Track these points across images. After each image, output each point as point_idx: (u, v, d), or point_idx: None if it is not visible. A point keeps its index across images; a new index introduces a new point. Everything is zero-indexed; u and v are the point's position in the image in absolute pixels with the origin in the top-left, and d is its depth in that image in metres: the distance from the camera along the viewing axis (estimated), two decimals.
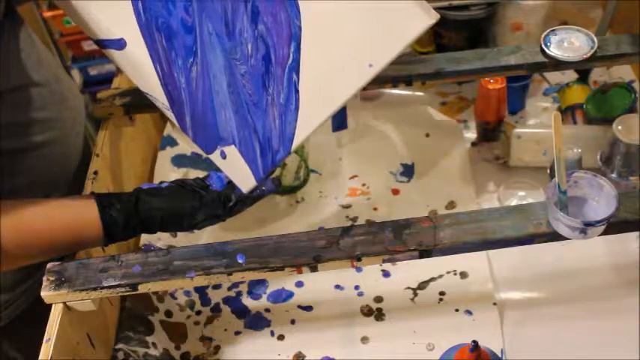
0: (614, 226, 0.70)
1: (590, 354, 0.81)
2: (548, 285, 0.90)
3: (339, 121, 0.98)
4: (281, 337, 0.88)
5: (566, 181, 0.70)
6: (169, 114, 0.77)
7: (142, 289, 0.71)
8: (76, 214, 0.72)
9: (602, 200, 0.70)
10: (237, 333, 0.90)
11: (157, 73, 0.74)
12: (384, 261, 0.72)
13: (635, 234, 0.92)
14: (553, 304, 0.88)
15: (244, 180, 0.76)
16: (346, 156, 1.10)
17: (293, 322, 0.90)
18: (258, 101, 0.71)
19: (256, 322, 0.90)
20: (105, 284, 0.70)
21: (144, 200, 0.73)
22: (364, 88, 0.92)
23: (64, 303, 0.70)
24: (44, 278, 0.71)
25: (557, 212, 0.68)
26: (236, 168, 0.75)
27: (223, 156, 0.76)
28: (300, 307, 0.91)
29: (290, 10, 0.66)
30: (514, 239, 0.71)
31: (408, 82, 0.91)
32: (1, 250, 0.67)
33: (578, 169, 0.77)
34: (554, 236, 0.71)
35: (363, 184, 1.06)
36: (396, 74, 0.90)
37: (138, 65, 0.75)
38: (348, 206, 1.03)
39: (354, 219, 1.01)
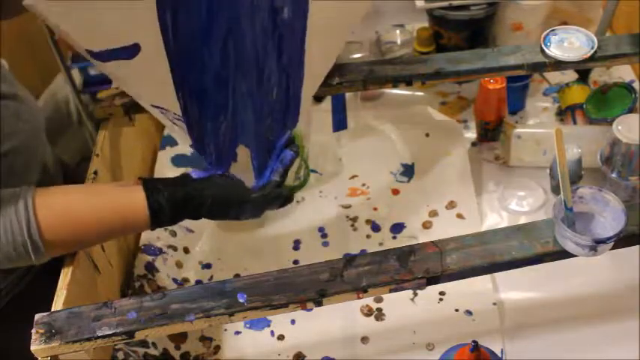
0: (620, 240, 0.68)
1: (590, 354, 0.81)
2: (548, 285, 0.90)
3: (339, 121, 0.98)
4: (281, 337, 0.88)
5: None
6: (179, 123, 0.74)
7: (139, 335, 0.66)
8: (124, 199, 0.73)
9: (608, 215, 0.69)
10: (237, 333, 0.89)
11: (179, 98, 0.71)
12: (390, 291, 0.69)
13: None
14: (553, 304, 0.88)
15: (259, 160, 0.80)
16: (346, 156, 1.10)
17: (293, 322, 0.90)
18: (279, 135, 0.80)
19: (256, 322, 0.90)
20: (99, 334, 0.65)
21: (193, 187, 0.74)
22: (365, 88, 0.92)
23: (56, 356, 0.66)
24: (33, 331, 0.66)
25: (565, 230, 0.66)
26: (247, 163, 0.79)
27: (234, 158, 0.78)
28: None
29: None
30: (522, 260, 0.69)
31: (408, 82, 0.91)
32: (46, 234, 0.67)
33: (582, 185, 0.75)
34: (563, 254, 0.69)
35: (363, 184, 1.06)
36: (396, 74, 0.90)
37: (149, 76, 0.68)
38: (348, 206, 1.03)
39: (354, 219, 1.01)
